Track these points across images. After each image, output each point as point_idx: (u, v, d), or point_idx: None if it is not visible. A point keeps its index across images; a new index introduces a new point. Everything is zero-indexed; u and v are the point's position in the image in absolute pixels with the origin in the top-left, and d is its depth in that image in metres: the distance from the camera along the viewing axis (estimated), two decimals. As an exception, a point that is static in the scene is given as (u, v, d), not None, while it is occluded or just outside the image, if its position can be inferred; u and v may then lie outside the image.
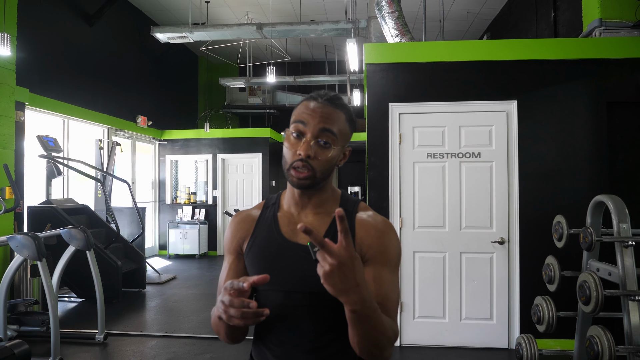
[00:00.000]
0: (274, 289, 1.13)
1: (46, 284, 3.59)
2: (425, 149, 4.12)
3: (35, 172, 6.04)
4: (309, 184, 1.11)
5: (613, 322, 2.77)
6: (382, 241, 1.13)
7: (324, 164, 1.10)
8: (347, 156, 1.18)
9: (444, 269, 4.06)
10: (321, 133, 1.09)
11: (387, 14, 5.15)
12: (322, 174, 1.11)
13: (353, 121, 1.18)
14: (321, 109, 1.10)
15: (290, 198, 1.19)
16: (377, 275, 1.09)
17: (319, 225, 1.15)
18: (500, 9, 8.63)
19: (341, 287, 0.89)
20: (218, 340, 4.28)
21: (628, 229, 2.43)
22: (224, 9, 8.89)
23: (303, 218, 1.16)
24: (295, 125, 1.11)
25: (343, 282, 0.88)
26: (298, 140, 1.10)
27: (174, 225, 9.30)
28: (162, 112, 9.87)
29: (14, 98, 5.16)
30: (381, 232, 1.14)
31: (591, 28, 4.25)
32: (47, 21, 6.45)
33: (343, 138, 1.13)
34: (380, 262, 1.11)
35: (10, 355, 3.07)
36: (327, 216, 1.17)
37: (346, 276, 0.88)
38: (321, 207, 1.18)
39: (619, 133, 4.03)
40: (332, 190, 1.21)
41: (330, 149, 1.10)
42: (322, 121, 1.09)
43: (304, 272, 1.10)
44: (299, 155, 1.08)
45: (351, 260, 0.88)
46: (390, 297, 1.08)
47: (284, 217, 1.19)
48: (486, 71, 4.09)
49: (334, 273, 0.88)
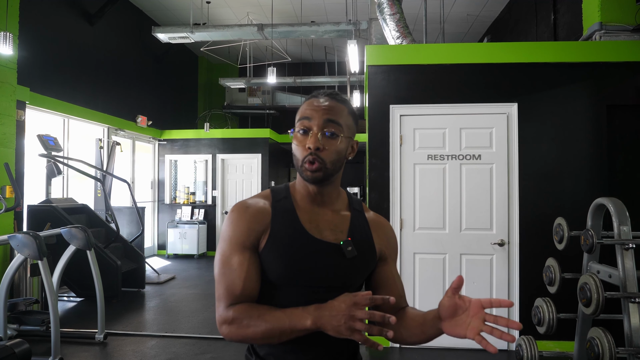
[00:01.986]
0: (300, 285, 1.12)
1: (47, 283, 3.59)
2: (426, 151, 4.13)
3: (35, 171, 6.03)
4: (322, 176, 1.12)
5: (613, 324, 2.78)
6: (392, 240, 1.28)
7: (333, 154, 1.12)
8: (355, 149, 1.20)
9: (444, 270, 4.07)
10: (327, 124, 1.12)
11: (388, 15, 5.16)
12: (333, 165, 1.13)
13: (355, 115, 1.21)
14: (324, 103, 1.14)
15: (305, 195, 1.19)
16: (394, 272, 1.25)
17: (340, 223, 1.19)
18: (500, 12, 8.65)
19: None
20: (218, 340, 4.28)
21: (628, 231, 2.44)
22: (224, 9, 8.89)
23: (322, 216, 1.18)
24: (301, 122, 1.14)
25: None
26: (305, 136, 1.12)
27: (173, 225, 9.29)
28: (162, 112, 9.87)
29: (15, 97, 5.16)
30: (390, 231, 1.29)
31: (591, 31, 4.27)
32: (48, 20, 6.45)
33: (348, 130, 1.16)
34: (393, 259, 1.26)
35: (11, 354, 3.07)
36: (341, 213, 1.21)
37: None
38: (334, 204, 1.21)
39: (618, 136, 4.05)
40: (339, 188, 1.24)
41: (338, 139, 1.12)
42: (326, 113, 1.12)
43: (333, 269, 1.13)
44: (309, 149, 1.10)
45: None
46: (403, 287, 1.27)
47: (303, 213, 1.17)
48: (487, 74, 4.11)
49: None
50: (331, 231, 1.16)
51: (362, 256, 1.17)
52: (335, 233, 1.16)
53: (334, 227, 1.17)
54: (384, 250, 1.24)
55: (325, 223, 1.17)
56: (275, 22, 8.52)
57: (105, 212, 6.85)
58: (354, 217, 1.21)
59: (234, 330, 1.06)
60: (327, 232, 1.16)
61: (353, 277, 1.16)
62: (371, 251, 1.20)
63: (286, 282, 1.12)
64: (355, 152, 1.20)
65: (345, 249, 1.13)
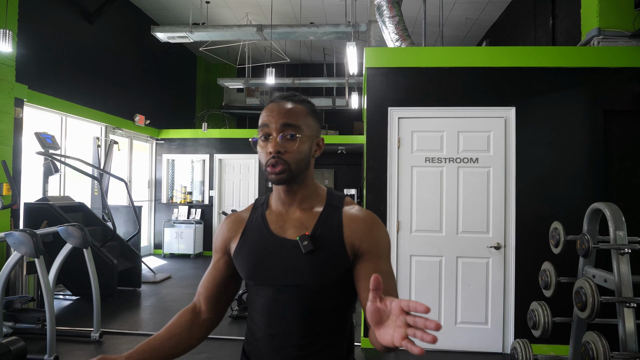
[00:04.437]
0: (265, 284, 1.17)
1: (43, 281, 3.58)
2: (423, 154, 4.14)
3: (33, 169, 6.02)
4: (286, 177, 1.15)
5: (608, 329, 2.79)
6: (372, 234, 1.17)
7: (295, 155, 1.15)
8: (322, 146, 1.23)
9: (440, 273, 4.09)
10: (284, 128, 1.14)
11: (387, 18, 5.18)
12: (297, 165, 1.16)
13: (316, 112, 1.23)
14: (279, 107, 1.17)
15: (277, 197, 1.23)
16: (375, 269, 1.12)
17: (307, 220, 1.19)
18: (498, 16, 8.69)
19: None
20: (213, 340, 4.27)
21: (624, 236, 2.46)
22: (224, 9, 8.90)
23: (291, 215, 1.21)
24: (261, 129, 1.18)
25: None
26: (267, 142, 1.16)
27: (170, 224, 9.27)
28: (160, 111, 9.85)
29: (13, 94, 5.15)
30: (370, 225, 1.18)
31: (590, 37, 4.29)
32: (47, 18, 6.44)
33: (309, 129, 1.18)
34: (375, 255, 1.15)
35: (6, 352, 3.06)
36: (313, 211, 1.21)
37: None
38: (306, 202, 1.22)
39: (615, 141, 4.07)
40: (316, 186, 1.24)
41: (297, 141, 1.15)
42: (282, 117, 1.15)
43: (293, 266, 1.14)
44: (270, 153, 1.14)
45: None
46: (393, 288, 1.12)
47: (273, 215, 1.23)
48: (485, 77, 4.13)
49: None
50: (295, 229, 1.17)
51: (323, 251, 1.13)
52: (300, 230, 1.17)
53: (299, 225, 1.18)
54: (357, 245, 1.15)
55: (291, 222, 1.19)
56: (275, 23, 8.53)
57: (102, 210, 6.84)
58: (325, 212, 1.19)
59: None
60: (292, 230, 1.18)
61: (312, 274, 1.12)
62: (337, 247, 1.14)
63: (254, 282, 1.19)
64: (322, 149, 1.24)
65: (301, 243, 1.13)
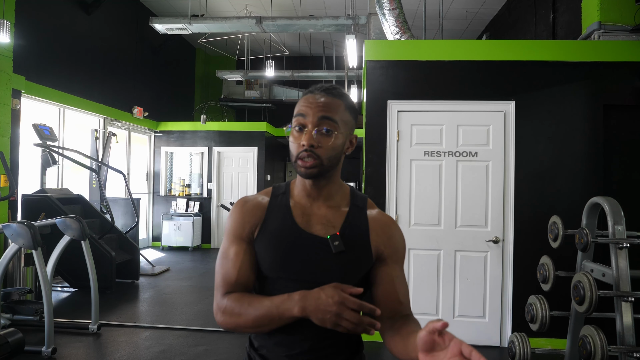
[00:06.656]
0: (289, 278, 1.13)
1: (41, 273, 3.58)
2: (422, 147, 4.13)
3: (30, 161, 6.00)
4: (317, 172, 1.12)
5: (605, 323, 2.80)
6: (394, 240, 1.21)
7: (329, 151, 1.12)
8: (355, 144, 1.20)
9: (439, 266, 4.09)
10: (321, 121, 1.11)
11: (387, 10, 5.15)
12: (329, 162, 1.13)
13: (354, 109, 1.19)
14: (319, 99, 1.13)
15: (301, 189, 1.19)
16: (394, 274, 1.17)
17: (334, 218, 1.17)
18: (499, 9, 8.65)
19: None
20: (211, 332, 4.29)
21: (623, 230, 2.46)
22: (223, 1, 8.84)
23: (316, 210, 1.18)
24: (296, 119, 1.13)
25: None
26: (301, 133, 1.12)
27: (168, 217, 9.27)
28: (159, 104, 9.81)
29: (11, 85, 5.12)
30: (393, 231, 1.22)
31: (590, 31, 4.27)
32: (45, 9, 6.38)
33: (345, 125, 1.15)
34: (394, 260, 1.19)
35: (4, 343, 3.07)
36: (339, 209, 1.19)
37: None
38: (332, 199, 1.19)
39: (614, 135, 4.06)
40: (340, 183, 1.22)
41: (333, 136, 1.12)
42: (321, 110, 1.11)
43: (321, 263, 1.12)
44: (303, 145, 1.10)
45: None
46: (406, 294, 1.18)
47: (297, 207, 1.18)
48: (485, 71, 4.11)
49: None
50: (323, 226, 1.15)
51: (352, 253, 1.13)
52: (327, 228, 1.15)
53: (327, 222, 1.16)
54: (382, 249, 1.18)
55: (318, 217, 1.16)
56: (274, 15, 8.48)
57: (100, 202, 6.83)
58: (352, 213, 1.19)
59: (227, 318, 1.10)
60: (319, 227, 1.15)
61: (340, 274, 1.12)
62: (364, 249, 1.16)
63: (275, 274, 1.14)
64: (354, 147, 1.20)
65: (332, 243, 1.12)
